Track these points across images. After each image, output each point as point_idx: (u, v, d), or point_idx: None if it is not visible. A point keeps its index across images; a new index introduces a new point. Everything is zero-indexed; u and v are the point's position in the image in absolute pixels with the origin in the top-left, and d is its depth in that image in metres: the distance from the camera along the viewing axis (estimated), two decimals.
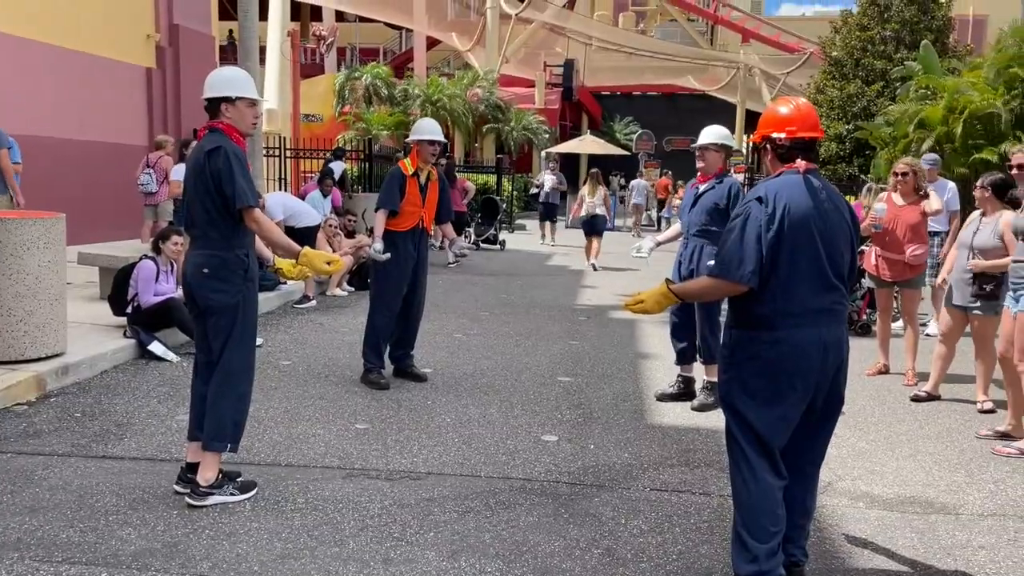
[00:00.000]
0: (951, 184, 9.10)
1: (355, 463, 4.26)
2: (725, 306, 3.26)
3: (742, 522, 2.95)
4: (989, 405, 5.54)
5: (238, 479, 3.81)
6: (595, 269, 13.39)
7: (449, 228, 6.33)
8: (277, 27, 18.41)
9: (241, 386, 3.80)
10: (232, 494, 3.72)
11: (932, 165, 8.58)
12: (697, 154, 5.56)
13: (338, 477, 4.06)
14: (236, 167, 3.63)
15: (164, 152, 10.35)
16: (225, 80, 3.79)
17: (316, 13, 32.14)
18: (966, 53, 22.18)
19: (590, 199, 14.04)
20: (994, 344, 5.56)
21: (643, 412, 5.39)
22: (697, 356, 5.64)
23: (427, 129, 5.86)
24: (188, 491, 3.68)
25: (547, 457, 4.45)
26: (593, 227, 13.91)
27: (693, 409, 5.42)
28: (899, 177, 6.47)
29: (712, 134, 5.54)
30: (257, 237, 3.92)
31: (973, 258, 5.38)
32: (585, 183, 14.86)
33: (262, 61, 15.24)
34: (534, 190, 19.70)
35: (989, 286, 5.33)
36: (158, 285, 6.43)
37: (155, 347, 6.22)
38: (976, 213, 5.72)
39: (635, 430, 4.98)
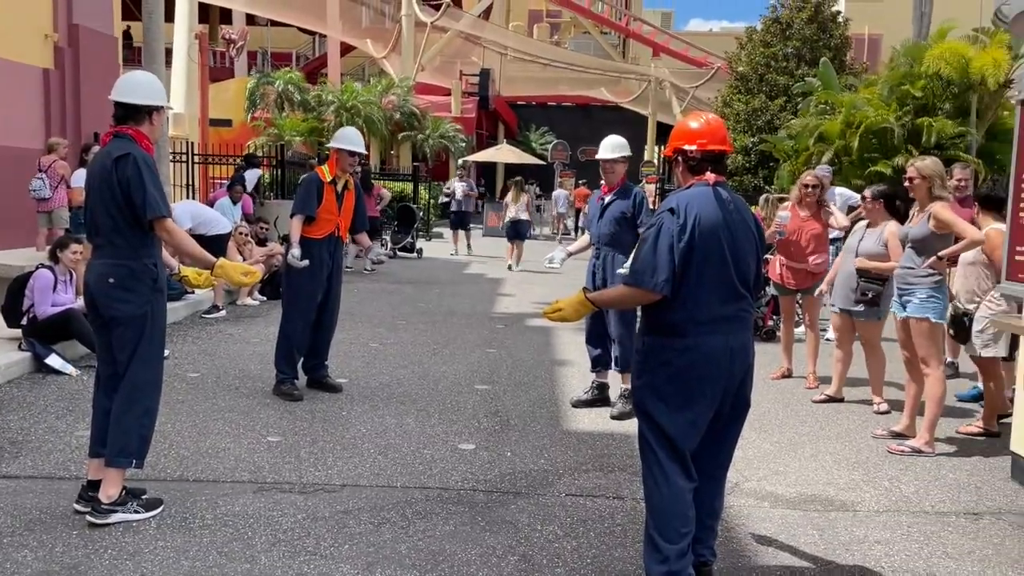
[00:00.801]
0: (839, 190, 9.62)
1: (267, 477, 4.16)
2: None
3: (654, 524, 3.01)
4: (884, 407, 5.83)
5: (143, 496, 3.68)
6: (510, 269, 14.21)
7: (364, 237, 6.28)
8: (184, 29, 17.89)
9: (148, 400, 3.67)
10: (136, 512, 3.59)
11: (826, 174, 9.03)
12: (605, 167, 5.66)
13: (249, 492, 3.96)
14: (147, 175, 3.53)
15: (57, 156, 9.89)
16: (157, 88, 3.73)
17: (225, 16, 31.36)
18: (862, 70, 23.34)
19: (513, 205, 15.14)
20: (881, 347, 5.88)
21: (559, 419, 5.45)
22: (613, 364, 5.74)
23: (348, 138, 5.79)
24: (89, 509, 3.53)
25: (464, 465, 4.45)
26: (516, 232, 14.88)
27: (612, 417, 5.49)
28: (808, 189, 6.73)
29: (617, 147, 5.64)
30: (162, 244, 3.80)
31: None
32: (508, 191, 15.83)
33: (168, 63, 14.76)
34: (444, 198, 19.48)
35: (871, 293, 5.63)
36: (56, 295, 6.15)
37: (52, 360, 5.94)
38: (862, 223, 6.05)
39: (551, 436, 5.03)
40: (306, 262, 5.54)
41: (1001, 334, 5.14)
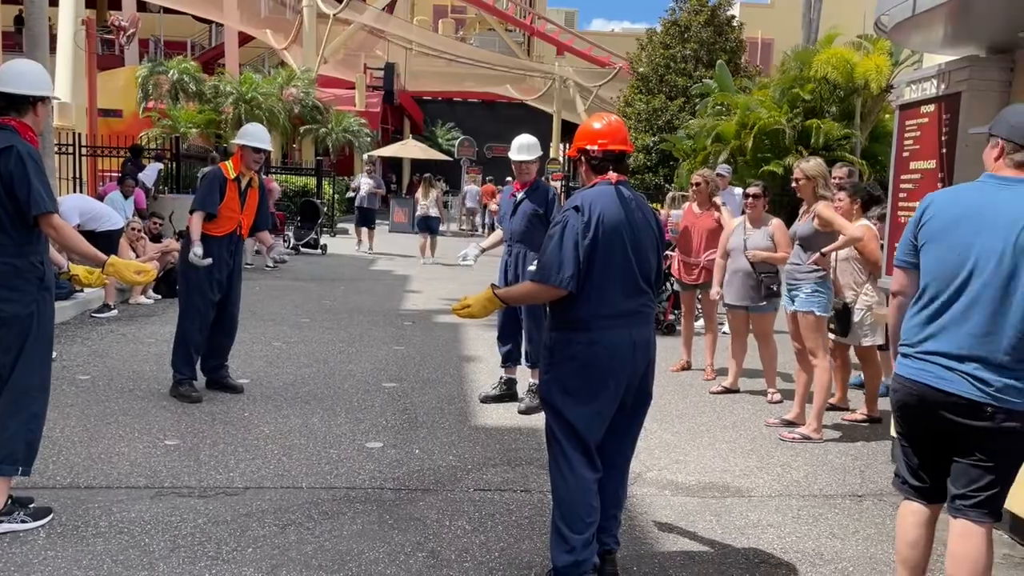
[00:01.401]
0: (738, 190, 9.99)
1: (164, 481, 4.03)
2: None
3: (560, 515, 3.08)
4: (778, 397, 6.11)
5: (30, 505, 3.51)
6: (423, 264, 14.63)
7: (266, 235, 6.13)
8: (70, 14, 16.94)
9: (35, 404, 3.49)
10: (24, 521, 3.42)
11: (725, 174, 9.39)
12: (519, 167, 5.67)
13: (146, 497, 3.82)
14: (31, 169, 3.37)
15: None
16: (42, 77, 3.55)
17: (114, 2, 29.93)
18: (756, 73, 24.29)
19: (424, 201, 15.65)
20: (774, 339, 6.17)
21: (467, 415, 5.48)
22: (523, 360, 5.80)
23: (253, 135, 5.66)
24: None
25: (371, 464, 4.42)
26: (427, 226, 15.42)
27: (520, 412, 5.55)
28: (695, 187, 7.03)
29: (530, 148, 5.65)
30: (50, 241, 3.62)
31: (746, 260, 5.97)
32: (418, 186, 16.35)
33: (52, 50, 13.98)
34: (351, 193, 18.96)
35: (774, 285, 5.92)
36: None
37: None
38: (740, 220, 6.33)
39: (459, 433, 5.05)
40: (209, 260, 5.38)
41: (878, 324, 5.47)
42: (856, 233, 5.21)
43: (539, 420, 3.70)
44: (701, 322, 7.77)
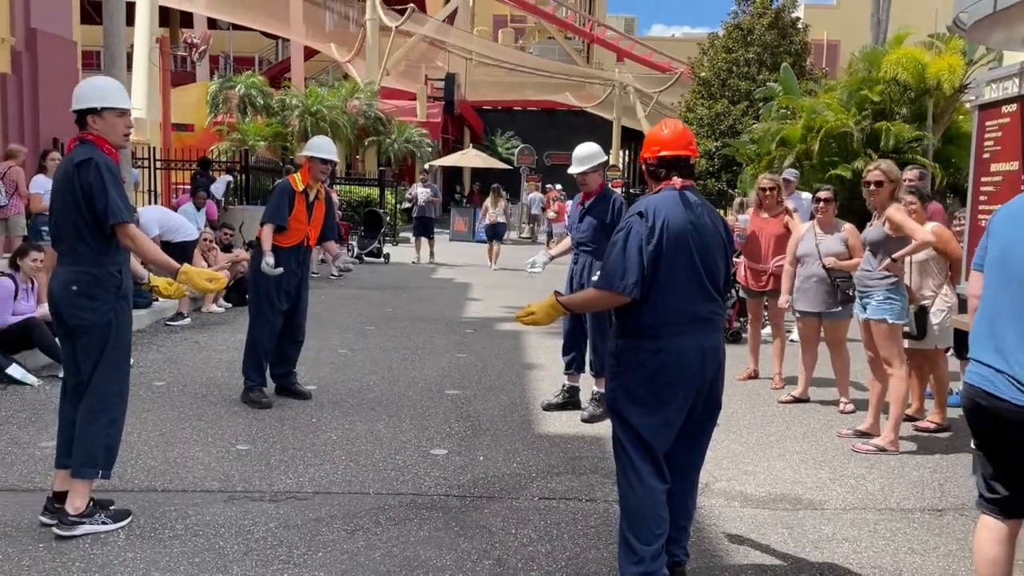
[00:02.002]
0: (806, 195, 9.75)
1: (237, 485, 4.12)
2: None
3: (628, 526, 3.04)
4: (851, 407, 5.94)
5: (110, 507, 3.62)
6: (492, 268, 15.54)
7: (333, 245, 6.26)
8: (145, 33, 17.61)
9: (113, 410, 3.61)
10: (104, 523, 3.53)
11: (792, 179, 9.19)
12: (579, 179, 5.67)
13: (219, 501, 3.91)
14: (108, 180, 3.47)
15: (15, 162, 9.70)
16: (92, 90, 3.62)
17: (187, 20, 30.96)
18: (821, 76, 23.75)
19: (493, 210, 16.85)
20: (847, 347, 6.00)
21: (530, 422, 5.47)
22: (587, 368, 5.78)
23: (320, 147, 5.78)
24: (55, 522, 3.47)
25: (436, 471, 4.44)
26: (495, 233, 16.62)
27: (583, 420, 5.51)
28: (765, 192, 6.88)
29: (588, 158, 5.62)
30: (132, 253, 3.74)
31: (820, 266, 5.82)
32: (477, 196, 17.53)
33: (129, 68, 14.53)
34: (407, 204, 18.48)
35: (851, 290, 5.77)
36: (17, 304, 6.03)
37: (13, 370, 5.81)
38: (809, 225, 6.17)
39: (523, 440, 5.05)
40: (280, 270, 5.50)
41: (950, 328, 5.30)
42: (928, 237, 5.04)
43: (603, 428, 3.67)
44: (767, 329, 7.61)
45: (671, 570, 3.15)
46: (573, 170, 5.66)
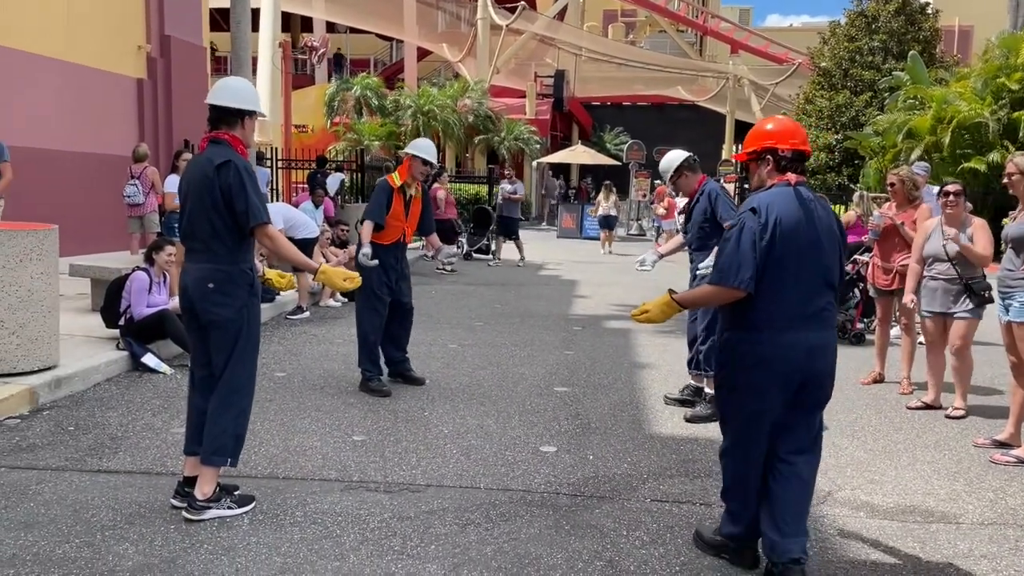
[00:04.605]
0: (936, 189, 9.19)
1: (353, 476, 4.22)
2: None
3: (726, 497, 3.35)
4: (960, 412, 5.58)
5: (235, 492, 3.77)
6: (603, 254, 17.82)
7: (435, 238, 6.44)
8: (269, 38, 18.39)
9: (243, 401, 3.75)
10: (230, 508, 3.67)
11: (923, 172, 8.68)
12: (674, 183, 5.81)
13: (336, 490, 4.02)
14: (248, 182, 3.57)
15: (149, 163, 10.33)
16: (251, 93, 3.78)
17: (307, 24, 32.15)
18: (953, 64, 22.38)
19: (605, 204, 18.91)
20: (970, 351, 5.61)
21: (641, 422, 5.38)
22: (695, 367, 5.68)
23: (423, 148, 5.99)
24: (185, 505, 3.64)
25: (546, 468, 4.42)
26: (607, 224, 18.88)
27: (685, 419, 5.42)
28: (891, 188, 6.57)
29: (666, 168, 5.75)
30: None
31: (949, 264, 5.49)
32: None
33: (254, 72, 15.20)
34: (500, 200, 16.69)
35: (985, 291, 5.41)
36: (151, 296, 6.38)
37: (148, 359, 6.16)
38: (934, 222, 5.79)
39: (634, 440, 4.96)
40: (376, 261, 5.69)
41: None
42: None
43: (716, 431, 3.56)
44: (896, 330, 7.22)
45: (786, 566, 3.10)
46: (663, 179, 5.86)
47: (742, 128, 36.68)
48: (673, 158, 5.75)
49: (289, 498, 3.89)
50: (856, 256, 8.24)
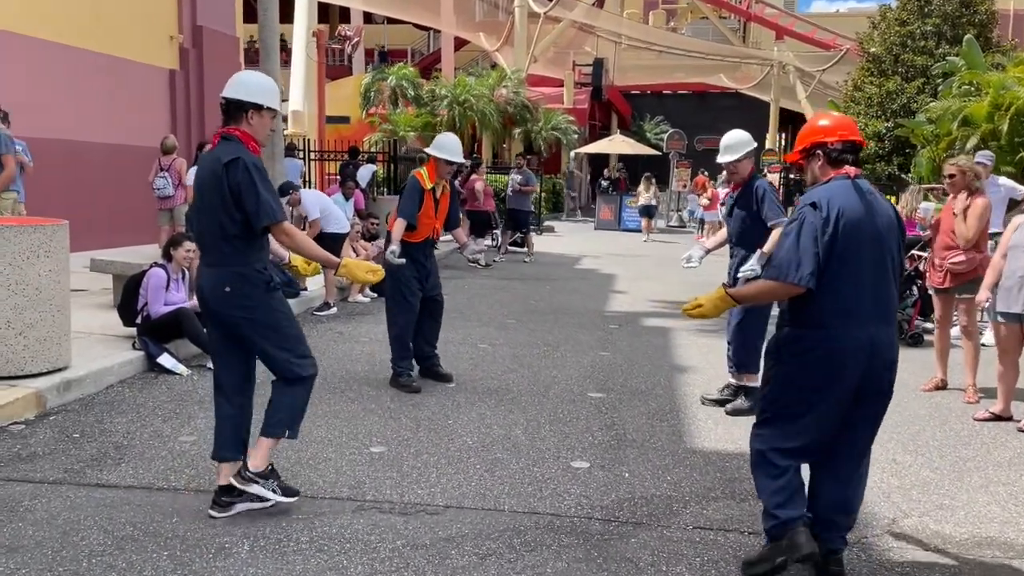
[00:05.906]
0: (1002, 180, 8.59)
1: (367, 494, 3.89)
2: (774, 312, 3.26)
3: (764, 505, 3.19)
4: None
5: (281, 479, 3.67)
6: (644, 241, 18.64)
7: (460, 232, 6.36)
8: (303, 28, 18.19)
9: (304, 372, 3.61)
10: (274, 491, 3.56)
11: (987, 162, 8.06)
12: (727, 168, 5.45)
13: (348, 511, 3.70)
14: (258, 180, 3.39)
15: (177, 155, 10.16)
16: (259, 85, 3.55)
17: (345, 15, 32.01)
18: (1011, 48, 21.38)
19: (646, 194, 19.89)
20: None
21: (682, 433, 4.98)
22: (731, 366, 5.53)
23: (447, 147, 5.80)
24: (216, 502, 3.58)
25: (577, 488, 4.05)
26: (647, 212, 19.95)
27: (727, 413, 5.32)
28: (949, 180, 6.02)
29: (738, 145, 5.35)
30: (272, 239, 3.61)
31: None
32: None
33: (285, 62, 15.00)
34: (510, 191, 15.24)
35: None
36: (168, 294, 6.14)
37: (164, 359, 5.92)
38: (1020, 218, 5.32)
39: (674, 455, 4.57)
40: (403, 260, 5.58)
41: None
42: None
43: None
44: (955, 330, 6.68)
45: (825, 557, 3.10)
46: (722, 159, 5.43)
47: (786, 117, 35.80)
48: (743, 138, 5.39)
49: (296, 519, 3.57)
50: (914, 251, 7.71)
